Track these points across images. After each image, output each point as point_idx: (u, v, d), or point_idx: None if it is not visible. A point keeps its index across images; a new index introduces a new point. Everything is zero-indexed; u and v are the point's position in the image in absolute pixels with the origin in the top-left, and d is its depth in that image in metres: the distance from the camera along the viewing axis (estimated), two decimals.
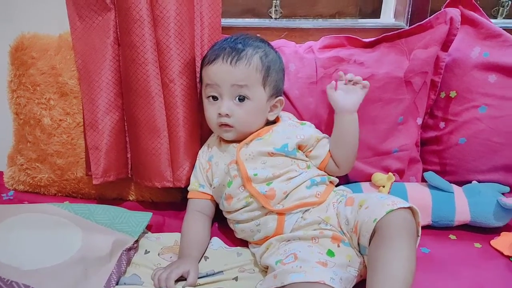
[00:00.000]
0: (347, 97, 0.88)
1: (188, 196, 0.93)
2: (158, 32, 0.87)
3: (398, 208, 0.69)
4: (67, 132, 1.01)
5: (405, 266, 0.64)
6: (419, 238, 0.72)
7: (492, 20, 1.01)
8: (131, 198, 1.06)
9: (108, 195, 1.05)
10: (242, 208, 0.84)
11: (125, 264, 0.78)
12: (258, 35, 0.95)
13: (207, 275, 0.77)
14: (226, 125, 0.86)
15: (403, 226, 0.68)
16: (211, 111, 0.87)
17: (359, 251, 0.75)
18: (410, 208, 0.71)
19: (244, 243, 0.88)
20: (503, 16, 1.18)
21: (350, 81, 0.88)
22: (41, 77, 0.99)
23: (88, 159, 0.96)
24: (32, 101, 1.01)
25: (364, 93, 0.89)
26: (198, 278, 0.76)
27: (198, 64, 0.93)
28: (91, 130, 0.94)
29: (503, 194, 0.92)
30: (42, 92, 1.00)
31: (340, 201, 0.83)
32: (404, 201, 0.71)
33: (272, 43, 0.96)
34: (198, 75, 0.93)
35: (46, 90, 1.00)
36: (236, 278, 0.76)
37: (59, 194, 1.06)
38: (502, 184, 0.94)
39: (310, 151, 0.89)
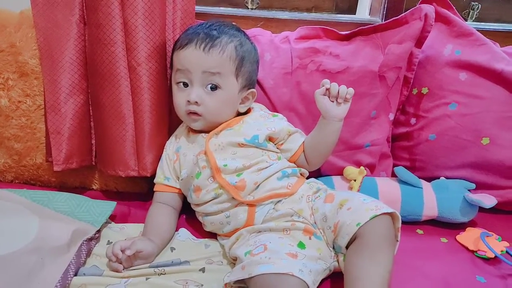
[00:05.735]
0: (338, 106, 0.82)
1: (154, 189, 0.90)
2: (126, 11, 0.83)
3: (381, 214, 0.69)
4: (27, 115, 0.95)
5: (384, 281, 0.65)
6: (398, 243, 0.73)
7: None
8: (94, 187, 1.01)
9: (70, 183, 1.00)
10: (211, 200, 0.81)
11: (85, 255, 0.74)
12: (234, 23, 0.92)
13: (172, 264, 0.74)
14: (195, 113, 0.83)
15: (385, 236, 0.69)
16: (180, 98, 0.84)
17: (333, 248, 0.75)
18: (391, 213, 0.71)
19: (212, 235, 0.85)
20: (473, 19, 1.20)
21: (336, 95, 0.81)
22: None
23: (48, 144, 0.91)
24: None
25: (351, 99, 0.83)
26: (164, 266, 0.73)
27: (169, 49, 0.89)
28: (52, 113, 0.88)
29: (469, 190, 0.93)
30: None
31: (319, 196, 0.81)
32: (387, 206, 0.71)
33: (248, 31, 0.94)
34: (169, 59, 0.89)
35: (4, 69, 0.93)
36: (203, 270, 0.74)
37: (16, 181, 1.00)
38: (469, 181, 0.95)
39: (281, 144, 0.87)
